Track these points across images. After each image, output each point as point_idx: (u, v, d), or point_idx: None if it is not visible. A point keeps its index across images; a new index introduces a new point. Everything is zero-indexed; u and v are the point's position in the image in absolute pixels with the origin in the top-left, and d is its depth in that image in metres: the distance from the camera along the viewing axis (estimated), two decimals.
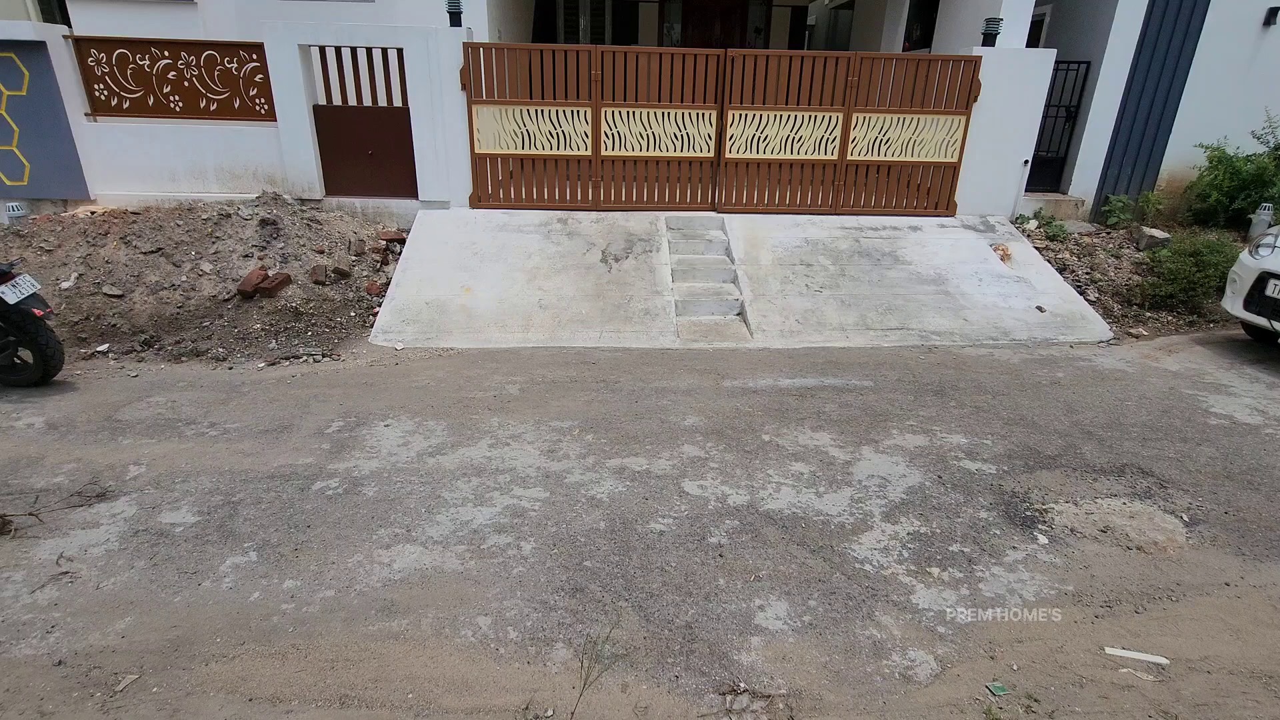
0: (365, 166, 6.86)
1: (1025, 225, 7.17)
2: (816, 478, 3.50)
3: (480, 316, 5.65)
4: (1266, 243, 5.18)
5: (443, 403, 4.29)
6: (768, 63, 6.70)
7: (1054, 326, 5.75)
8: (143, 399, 4.32)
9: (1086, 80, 7.35)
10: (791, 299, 5.95)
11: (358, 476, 3.44)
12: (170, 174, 6.78)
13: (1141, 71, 7.21)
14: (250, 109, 6.66)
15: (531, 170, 7.00)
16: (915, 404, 4.37)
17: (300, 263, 5.86)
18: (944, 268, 6.42)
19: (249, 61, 6.51)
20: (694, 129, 6.85)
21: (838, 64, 6.73)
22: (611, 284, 6.06)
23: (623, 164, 6.97)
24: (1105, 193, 7.63)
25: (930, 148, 6.99)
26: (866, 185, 7.16)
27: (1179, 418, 4.24)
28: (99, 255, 5.68)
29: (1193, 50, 7.14)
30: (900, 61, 6.88)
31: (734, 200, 7.11)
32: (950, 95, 6.82)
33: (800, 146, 6.96)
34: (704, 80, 6.69)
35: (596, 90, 6.64)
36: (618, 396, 4.42)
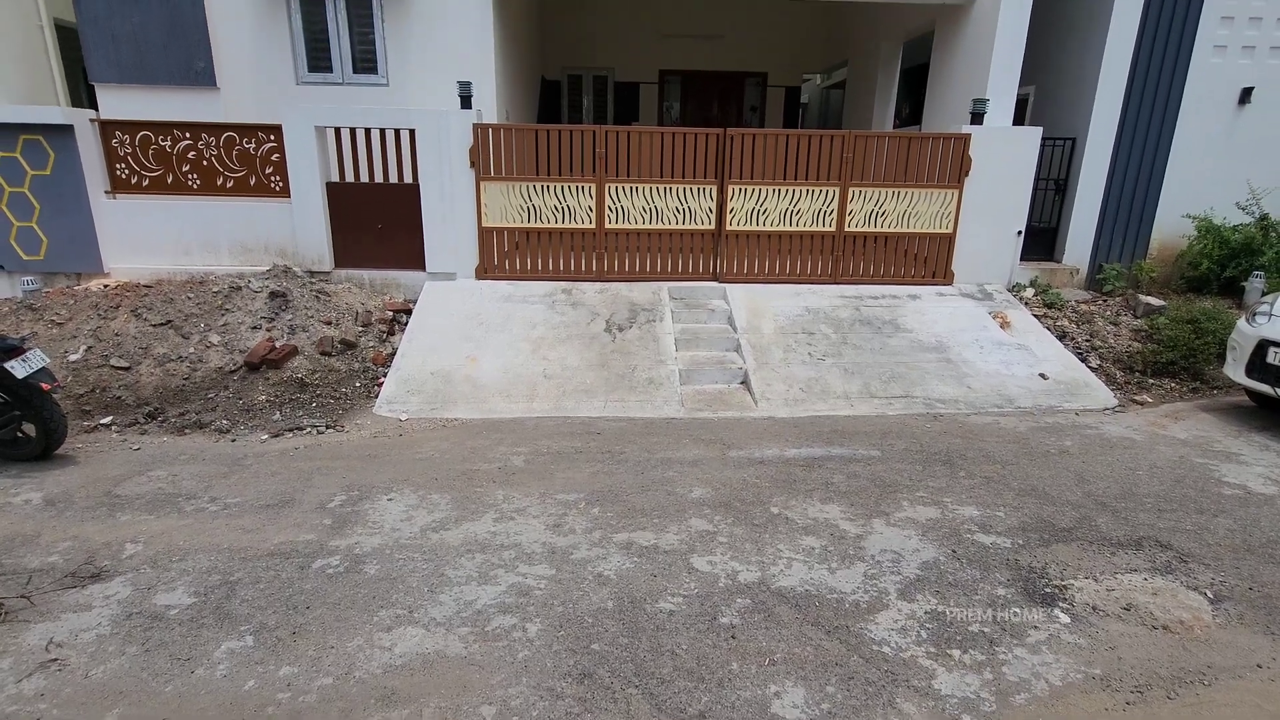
0: (374, 240, 7.03)
1: (1022, 293, 7.29)
2: (828, 552, 3.42)
3: (485, 386, 5.66)
4: (1262, 310, 5.24)
5: (447, 475, 4.25)
6: (765, 141, 6.97)
7: (1058, 394, 5.75)
8: (143, 473, 4.28)
9: (1073, 155, 7.63)
10: (795, 367, 5.98)
11: (359, 554, 3.37)
12: (184, 248, 6.94)
13: (1125, 147, 7.49)
14: (265, 186, 6.88)
15: (537, 243, 7.17)
16: (924, 474, 4.33)
17: (307, 334, 5.92)
18: (945, 335, 6.48)
19: (266, 142, 6.77)
20: (695, 203, 7.05)
21: (833, 141, 7.00)
22: (616, 353, 6.10)
23: (626, 236, 7.14)
24: (1099, 261, 7.79)
25: (925, 219, 7.18)
26: (865, 255, 7.32)
27: (1192, 487, 4.19)
28: (109, 328, 5.74)
29: (1173, 127, 7.44)
30: (893, 139, 7.15)
31: (735, 270, 7.25)
32: (942, 170, 7.06)
33: (799, 219, 7.15)
34: (704, 157, 6.94)
35: (601, 167, 6.87)
36: (623, 468, 4.37)
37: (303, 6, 7.39)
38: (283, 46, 7.46)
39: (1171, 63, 7.27)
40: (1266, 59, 7.29)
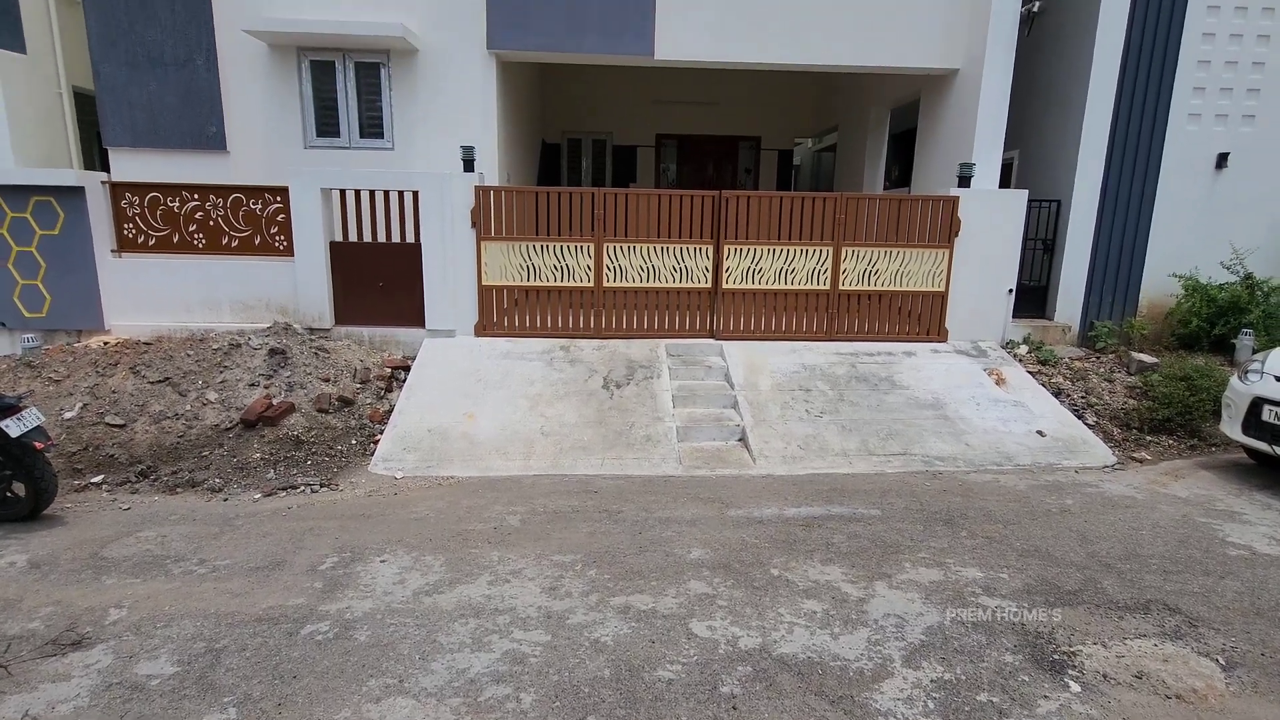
0: (375, 297, 7.12)
1: (1016, 350, 7.36)
2: (830, 617, 3.34)
3: (482, 444, 5.63)
4: (1254, 368, 5.29)
5: (441, 535, 4.18)
6: (760, 202, 7.16)
7: (1056, 451, 5.74)
8: (132, 534, 4.20)
9: (1059, 216, 7.84)
10: (792, 424, 5.98)
11: (350, 619, 3.28)
12: (186, 305, 7.01)
13: (1109, 209, 7.70)
14: (270, 245, 7.00)
15: (536, 300, 7.26)
16: (925, 534, 4.27)
17: (305, 391, 5.92)
18: (941, 392, 6.50)
19: (272, 203, 6.93)
20: (692, 262, 7.19)
21: (825, 203, 7.19)
22: (613, 410, 6.10)
23: (624, 294, 7.24)
24: (1090, 318, 7.90)
25: (918, 278, 7.31)
26: (859, 313, 7.42)
27: (1197, 548, 4.14)
28: (106, 385, 5.74)
29: (1154, 190, 7.68)
30: (884, 201, 7.35)
31: (732, 328, 7.33)
32: (933, 231, 7.23)
33: (794, 277, 7.28)
34: (700, 218, 7.11)
35: (599, 228, 7.03)
36: (621, 527, 4.31)
37: (314, 75, 7.70)
38: (292, 112, 7.73)
39: (1149, 129, 7.55)
40: (1239, 127, 7.59)
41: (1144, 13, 7.30)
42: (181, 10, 7.34)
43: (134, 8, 7.31)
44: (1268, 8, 7.34)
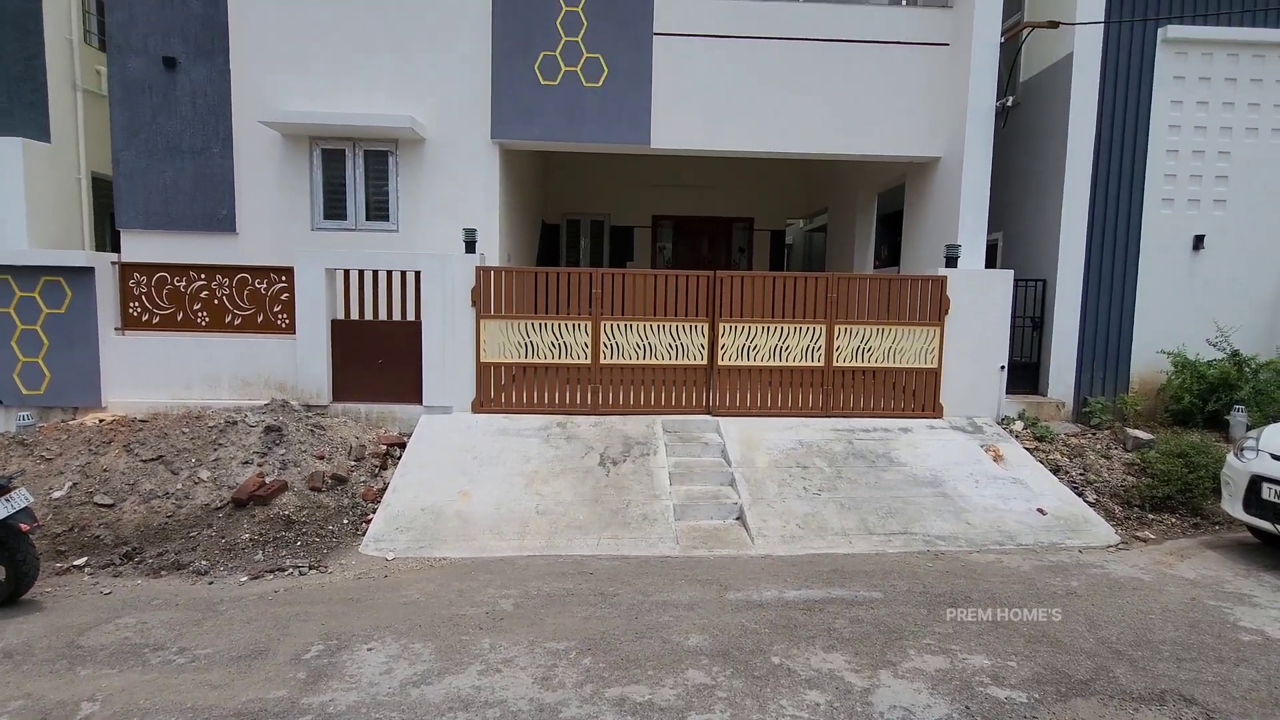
0: (374, 374, 7.17)
1: (1012, 426, 7.37)
2: (835, 709, 3.21)
3: (476, 523, 5.55)
4: (1249, 445, 5.31)
5: (432, 621, 4.05)
6: (754, 282, 7.35)
7: (1058, 530, 5.66)
8: (111, 620, 4.07)
9: (1045, 295, 8.03)
10: (790, 502, 5.91)
11: (333, 713, 3.14)
12: (185, 382, 7.04)
13: (1094, 288, 7.91)
14: (272, 323, 7.11)
15: (533, 377, 7.32)
16: (930, 618, 4.16)
17: (299, 469, 5.87)
18: (939, 469, 6.47)
19: (277, 283, 7.09)
20: (688, 339, 7.30)
21: (818, 283, 7.38)
22: (609, 488, 6.04)
23: (621, 371, 7.31)
24: (1083, 395, 7.97)
25: (910, 355, 7.41)
26: (854, 388, 7.47)
27: (1209, 633, 4.02)
28: (98, 463, 5.69)
29: (1135, 270, 7.91)
30: (874, 280, 7.55)
31: (728, 404, 7.36)
32: (923, 309, 7.39)
33: (788, 354, 7.37)
34: (696, 297, 7.28)
35: (597, 306, 7.18)
36: (617, 612, 4.19)
37: (324, 162, 8.04)
38: (301, 196, 8.02)
39: (1125, 213, 7.86)
40: (1211, 210, 7.90)
41: (1111, 107, 7.75)
42: (203, 104, 7.75)
43: (157, 102, 7.72)
44: (1228, 102, 7.80)
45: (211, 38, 7.69)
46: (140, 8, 7.61)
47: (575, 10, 7.78)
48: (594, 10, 7.79)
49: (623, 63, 7.88)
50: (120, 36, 7.63)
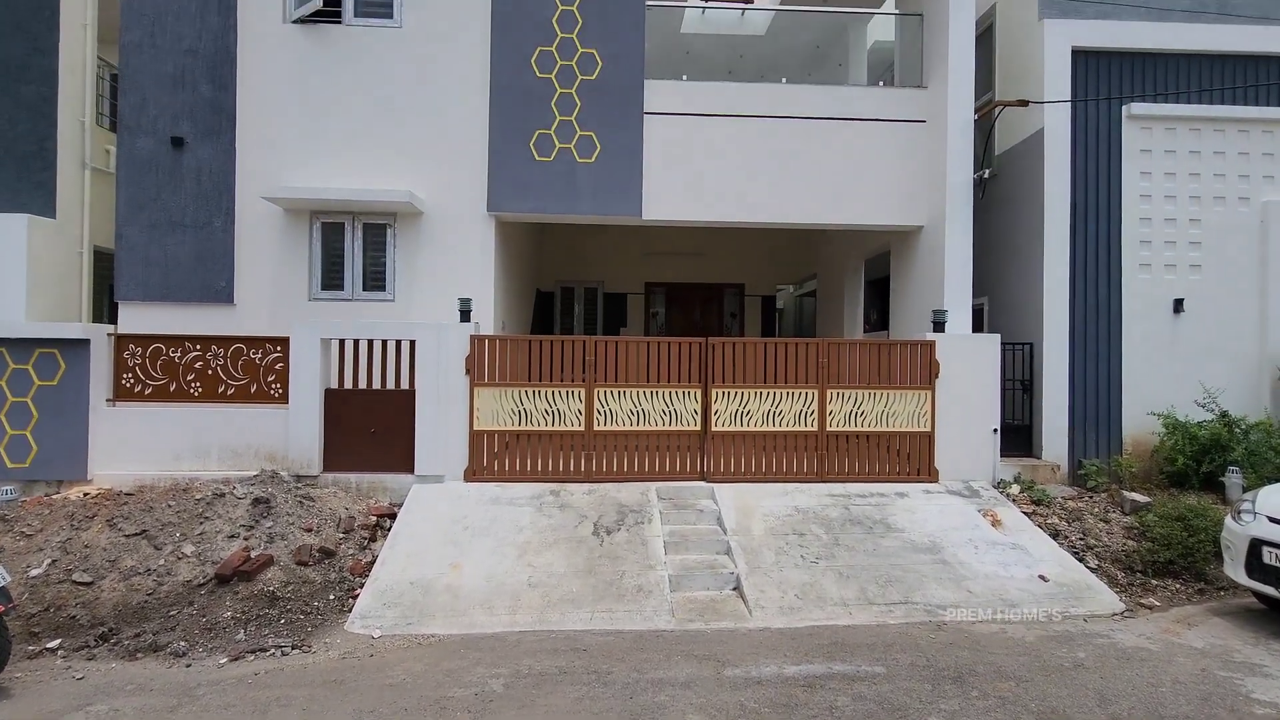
0: (365, 443, 7.12)
1: (1008, 490, 7.33)
2: None
3: (466, 597, 5.40)
4: (1246, 508, 5.28)
5: (417, 704, 3.89)
6: (746, 348, 7.44)
7: (1061, 598, 5.55)
8: (82, 708, 3.89)
9: (1033, 358, 8.14)
10: (788, 571, 5.80)
11: None
12: (174, 453, 6.96)
13: (1080, 350, 8.04)
14: (265, 393, 7.11)
15: (527, 444, 7.28)
16: (935, 694, 4.02)
17: (286, 542, 5.74)
18: (937, 535, 6.39)
19: (272, 352, 7.13)
20: (681, 405, 7.32)
21: (809, 348, 7.48)
22: (603, 558, 5.92)
23: (614, 437, 7.29)
24: (1078, 457, 7.96)
25: (903, 418, 7.44)
26: (849, 453, 7.45)
27: (1222, 707, 3.90)
28: (79, 539, 5.56)
29: (1119, 333, 8.06)
30: (864, 345, 7.66)
31: (722, 469, 7.31)
32: (914, 373, 7.47)
33: (781, 419, 7.39)
34: (689, 363, 7.34)
35: (590, 373, 7.22)
36: (611, 691, 4.04)
37: (323, 235, 8.22)
38: (300, 268, 8.16)
39: (1105, 278, 8.08)
40: (1188, 275, 8.13)
41: (1084, 178, 8.08)
42: (207, 181, 7.98)
43: (163, 179, 7.95)
44: (1194, 173, 8.15)
45: (219, 119, 8.00)
46: (152, 92, 7.94)
47: (569, 92, 8.16)
48: (587, 92, 8.18)
49: (615, 140, 8.21)
50: (131, 118, 7.93)
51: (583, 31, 8.17)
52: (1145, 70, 8.21)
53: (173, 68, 7.96)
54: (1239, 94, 8.19)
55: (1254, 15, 8.14)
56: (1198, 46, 8.13)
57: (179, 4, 7.94)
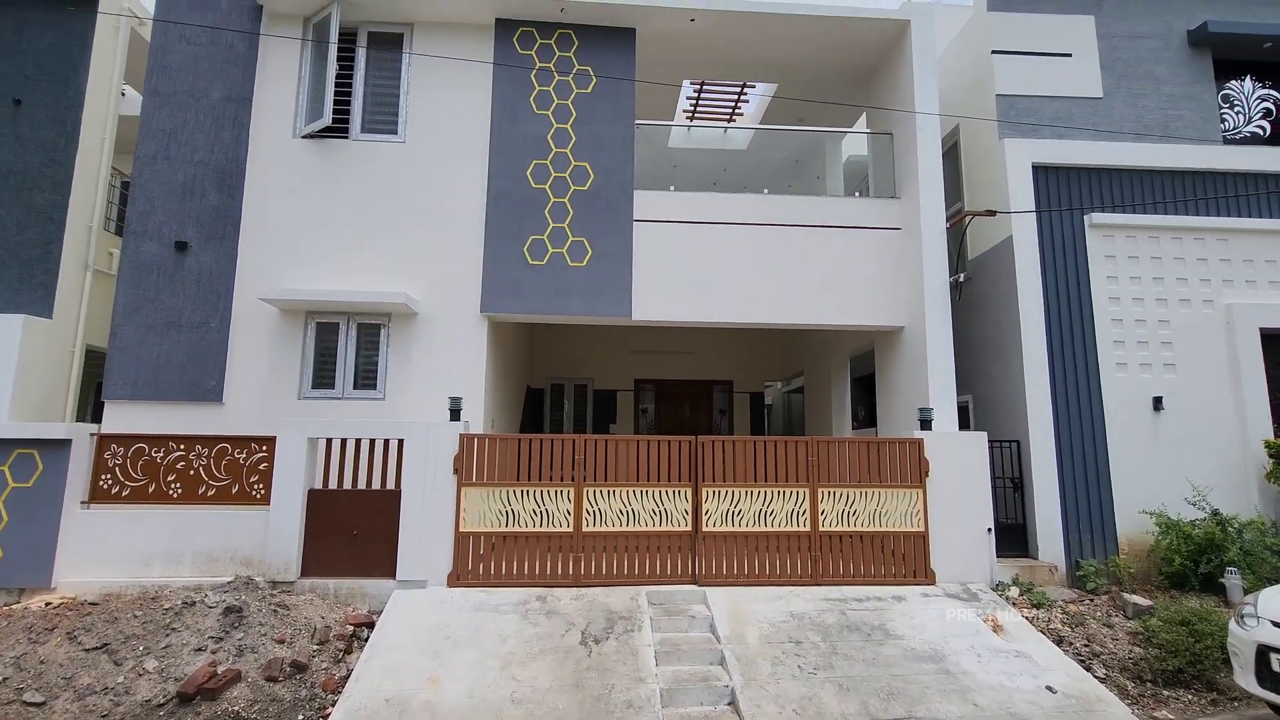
0: (346, 547, 6.91)
1: (1007, 593, 7.15)
2: None
3: (444, 715, 5.07)
4: (1249, 612, 5.18)
5: None
6: (736, 447, 7.44)
7: (1071, 711, 5.30)
8: None
9: (1021, 455, 8.19)
10: (785, 683, 5.53)
11: None
12: (145, 558, 6.71)
13: (1067, 448, 8.10)
14: (247, 494, 6.96)
15: (513, 546, 7.10)
16: None
17: (257, 655, 5.44)
18: (938, 642, 6.17)
19: (257, 452, 7.05)
20: (671, 505, 7.22)
21: (799, 446, 7.49)
22: (591, 670, 5.63)
23: (603, 538, 7.13)
24: (1075, 557, 7.84)
25: (896, 518, 7.36)
26: (843, 554, 7.31)
27: None
28: (35, 654, 5.25)
29: (1103, 431, 8.17)
30: (853, 444, 7.68)
31: (714, 572, 7.12)
32: (904, 471, 7.46)
33: (773, 519, 7.28)
34: (679, 462, 7.31)
35: (580, 472, 7.16)
36: None
37: (318, 334, 8.33)
38: (292, 367, 8.21)
39: (1084, 376, 8.28)
40: (1163, 374, 8.35)
41: (1054, 281, 8.45)
42: (206, 282, 8.17)
43: (163, 281, 8.13)
44: (1157, 277, 8.55)
45: (224, 225, 8.29)
46: (161, 200, 8.27)
47: (563, 201, 8.59)
48: (580, 201, 8.61)
49: (606, 245, 8.56)
50: (138, 224, 8.20)
51: (576, 147, 8.71)
52: (1103, 183, 8.79)
53: (183, 177, 8.33)
54: (1193, 205, 8.75)
55: (1193, 138, 8.85)
56: (1147, 163, 8.76)
57: (195, 121, 8.43)
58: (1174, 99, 9.01)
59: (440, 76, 8.73)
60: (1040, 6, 9.16)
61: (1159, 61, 9.11)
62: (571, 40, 8.89)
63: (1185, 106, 9.00)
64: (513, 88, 8.76)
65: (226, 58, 8.56)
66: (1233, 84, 9.29)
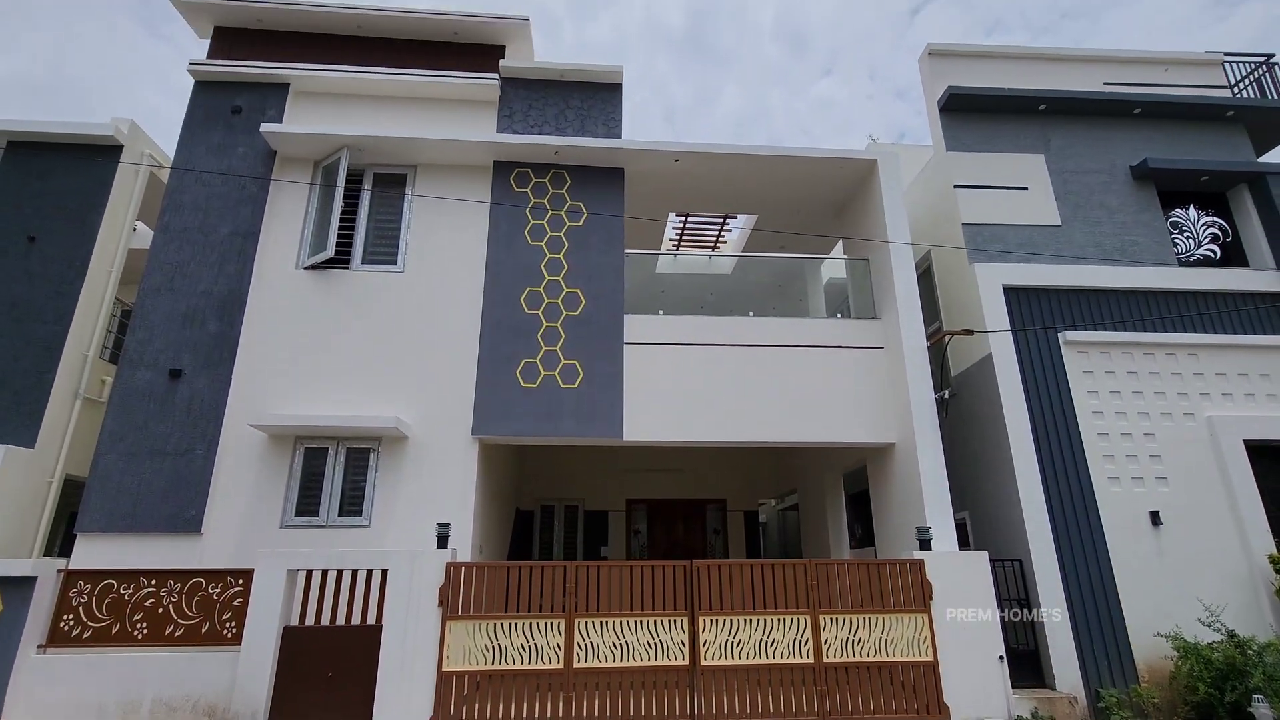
0: (320, 690, 6.44)
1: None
2: None
3: None
4: None
5: None
6: (732, 571, 7.20)
7: None
8: None
9: (1025, 575, 7.96)
10: None
11: None
12: (98, 709, 6.22)
13: (1070, 567, 7.91)
14: (217, 634, 6.58)
15: (499, 686, 6.64)
16: None
17: None
18: None
19: (232, 587, 6.74)
20: (667, 636, 6.87)
21: (796, 569, 7.26)
22: None
23: (596, 675, 6.70)
24: (1094, 686, 7.43)
25: (902, 645, 7.01)
26: (849, 687, 6.88)
27: None
28: None
29: (1105, 548, 8.02)
30: (852, 565, 7.47)
31: (715, 712, 6.65)
32: (907, 595, 7.20)
33: (775, 650, 6.92)
34: (673, 589, 7.04)
35: (570, 601, 6.86)
36: None
37: (305, 459, 8.23)
38: (276, 494, 8.02)
39: (1079, 492, 8.24)
40: (1157, 488, 8.34)
41: (1037, 397, 8.63)
42: (197, 409, 8.15)
43: (153, 408, 8.11)
44: (1136, 391, 8.76)
45: (221, 352, 8.40)
46: (161, 329, 8.42)
47: (555, 326, 8.85)
48: (571, 325, 8.87)
49: (597, 367, 8.72)
50: (135, 352, 8.30)
51: (568, 274, 9.10)
52: (1073, 302, 9.21)
53: (185, 307, 8.55)
54: (1160, 322, 9.13)
55: (1151, 261, 9.41)
56: (1111, 284, 9.23)
57: (202, 254, 8.78)
58: (1127, 225, 9.66)
59: (440, 210, 9.25)
60: (993, 146, 10.03)
61: (1108, 193, 9.85)
62: (564, 179, 9.54)
63: (1138, 232, 9.63)
64: (508, 220, 9.28)
65: (239, 197, 9.07)
66: (1179, 211, 10.01)
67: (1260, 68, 10.83)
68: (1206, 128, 10.39)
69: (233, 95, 9.58)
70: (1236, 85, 10.84)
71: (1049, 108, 10.16)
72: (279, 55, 9.87)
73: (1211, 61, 10.94)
